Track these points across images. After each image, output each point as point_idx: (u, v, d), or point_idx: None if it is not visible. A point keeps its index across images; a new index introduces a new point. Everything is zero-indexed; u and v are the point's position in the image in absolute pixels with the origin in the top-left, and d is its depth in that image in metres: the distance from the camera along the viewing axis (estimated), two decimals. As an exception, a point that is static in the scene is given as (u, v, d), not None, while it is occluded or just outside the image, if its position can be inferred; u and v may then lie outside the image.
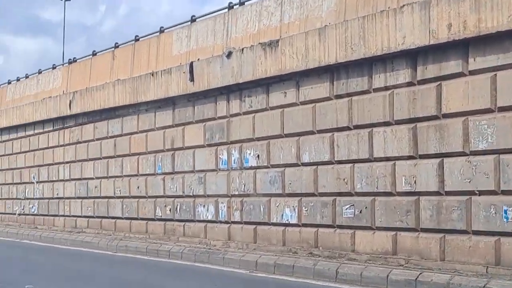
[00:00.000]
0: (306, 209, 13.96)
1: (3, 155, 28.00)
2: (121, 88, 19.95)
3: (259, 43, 14.93)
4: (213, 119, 16.64)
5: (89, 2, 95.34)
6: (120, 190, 20.19)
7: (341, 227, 13.22)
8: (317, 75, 13.75)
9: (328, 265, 11.75)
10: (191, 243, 16.53)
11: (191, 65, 16.96)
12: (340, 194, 13.25)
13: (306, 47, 13.74)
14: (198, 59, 16.89)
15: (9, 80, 28.77)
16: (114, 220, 20.51)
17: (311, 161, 13.88)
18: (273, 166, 14.83)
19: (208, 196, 16.71)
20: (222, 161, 16.27)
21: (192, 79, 16.92)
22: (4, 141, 28.04)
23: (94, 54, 22.38)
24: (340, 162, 13.27)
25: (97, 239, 18.48)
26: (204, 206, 16.81)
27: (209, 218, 16.64)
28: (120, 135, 20.33)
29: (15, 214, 26.78)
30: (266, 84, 15.02)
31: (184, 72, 17.24)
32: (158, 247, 15.90)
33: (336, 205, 13.30)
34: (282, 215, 14.50)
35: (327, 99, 13.58)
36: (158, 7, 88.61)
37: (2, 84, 29.34)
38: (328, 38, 13.24)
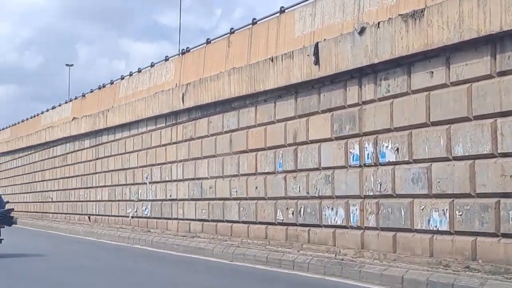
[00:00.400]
0: (460, 213, 11.40)
1: (116, 155, 26.84)
2: (237, 77, 18.01)
3: (399, 15, 12.50)
4: (342, 107, 14.34)
5: (205, 6, 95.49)
6: (236, 191, 18.25)
7: (507, 236, 10.60)
8: (473, 49, 11.19)
9: (501, 285, 9.16)
10: (317, 251, 14.29)
11: (316, 46, 14.75)
12: (506, 195, 10.64)
13: (460, 15, 11.21)
14: (324, 39, 14.66)
15: (122, 75, 27.66)
16: (230, 224, 18.59)
17: (466, 154, 11.33)
18: (417, 161, 12.36)
19: (337, 197, 14.43)
20: (353, 156, 13.95)
21: (317, 62, 14.71)
22: (117, 140, 26.88)
23: (208, 42, 20.62)
24: (505, 155, 10.67)
25: (211, 245, 16.53)
26: (332, 208, 14.55)
27: (338, 222, 14.35)
28: (236, 130, 18.40)
29: (128, 216, 25.49)
30: (407, 63, 12.57)
31: (308, 55, 15.05)
32: (281, 256, 13.72)
33: (501, 208, 10.70)
34: (429, 220, 12.00)
35: (488, 77, 11.00)
36: (274, 9, 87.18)
37: (115, 80, 28.30)
38: (490, 1, 10.66)
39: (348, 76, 14.09)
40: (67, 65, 48.22)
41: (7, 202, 33.86)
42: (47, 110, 38.65)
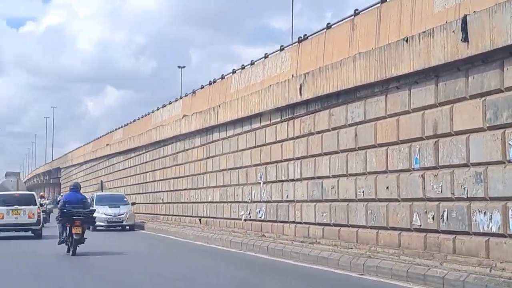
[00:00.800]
0: None
1: (228, 153, 25.16)
2: (363, 63, 15.81)
3: None
4: (498, 91, 11.89)
5: (316, 9, 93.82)
6: (363, 192, 16.04)
7: None
8: None
9: None
10: (465, 264, 11.86)
11: (464, 20, 12.35)
12: None
13: None
14: (474, 12, 12.24)
15: (233, 69, 25.99)
16: (355, 230, 16.40)
17: None
18: None
19: (491, 199, 11.97)
20: (514, 149, 11.48)
21: (465, 39, 12.30)
22: (228, 137, 25.21)
23: (328, 27, 18.51)
24: None
25: (336, 254, 14.34)
26: (484, 213, 12.10)
27: (493, 230, 11.89)
28: (363, 122, 16.19)
29: (240, 219, 23.75)
30: None
31: (453, 31, 12.67)
32: (425, 270, 11.34)
33: None
34: None
35: None
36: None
37: (226, 75, 26.67)
38: None
39: (506, 53, 11.63)
40: (179, 67, 47.66)
41: (133, 203, 32.65)
42: (157, 109, 37.73)
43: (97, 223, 29.78)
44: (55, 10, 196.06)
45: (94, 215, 28.56)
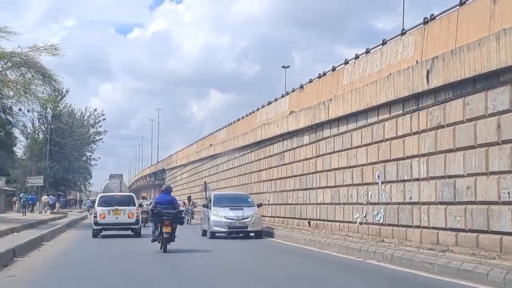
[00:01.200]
0: None
1: (341, 151, 23.04)
2: (509, 41, 13.38)
3: None
4: None
5: (422, 9, 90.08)
6: (508, 193, 13.61)
7: None
8: None
9: None
10: None
11: None
12: None
13: None
14: None
15: (346, 60, 23.85)
16: (498, 237, 13.97)
17: None
18: None
19: None
20: None
21: None
22: (341, 133, 23.08)
23: (461, 3, 16.12)
24: None
25: (483, 267, 11.90)
26: None
27: None
28: (508, 111, 13.78)
29: (355, 222, 21.58)
30: None
31: None
32: None
33: None
34: None
35: None
36: None
37: (338, 66, 24.58)
38: None
39: None
40: (283, 67, 47.05)
41: (260, 205, 29.08)
42: (262, 107, 36.02)
43: (216, 228, 25.83)
44: (161, 17, 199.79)
45: (212, 218, 25.93)
